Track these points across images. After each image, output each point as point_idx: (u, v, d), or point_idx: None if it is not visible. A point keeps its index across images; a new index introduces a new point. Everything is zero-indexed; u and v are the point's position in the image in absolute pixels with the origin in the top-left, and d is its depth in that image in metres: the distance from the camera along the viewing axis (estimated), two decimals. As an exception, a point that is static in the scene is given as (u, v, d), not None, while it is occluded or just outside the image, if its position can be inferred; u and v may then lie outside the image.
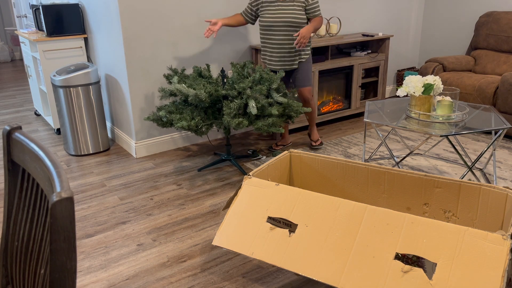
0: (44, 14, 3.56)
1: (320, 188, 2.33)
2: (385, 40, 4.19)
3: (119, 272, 2.08)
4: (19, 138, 1.03)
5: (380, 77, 4.26)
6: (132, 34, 3.13)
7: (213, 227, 2.44)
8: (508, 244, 1.42)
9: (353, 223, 1.65)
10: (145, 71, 3.27)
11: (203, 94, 2.69)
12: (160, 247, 2.26)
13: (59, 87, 3.28)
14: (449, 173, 3.04)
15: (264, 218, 1.80)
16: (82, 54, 3.80)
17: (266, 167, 2.13)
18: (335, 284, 1.55)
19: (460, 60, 4.19)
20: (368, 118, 2.78)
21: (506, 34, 4.05)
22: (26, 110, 4.85)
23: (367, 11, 4.48)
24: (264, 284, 1.97)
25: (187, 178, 3.04)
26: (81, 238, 2.36)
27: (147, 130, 3.42)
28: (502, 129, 2.56)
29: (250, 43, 3.73)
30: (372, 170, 2.14)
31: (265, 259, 1.69)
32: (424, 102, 2.68)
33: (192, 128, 2.76)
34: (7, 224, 1.11)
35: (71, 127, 3.38)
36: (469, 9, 4.56)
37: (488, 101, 3.64)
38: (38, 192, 0.98)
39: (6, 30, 7.98)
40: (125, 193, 2.85)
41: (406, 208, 2.11)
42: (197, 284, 1.98)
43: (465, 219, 1.97)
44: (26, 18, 5.60)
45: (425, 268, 1.74)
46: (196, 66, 3.14)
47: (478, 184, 1.89)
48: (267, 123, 2.77)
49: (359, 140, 3.68)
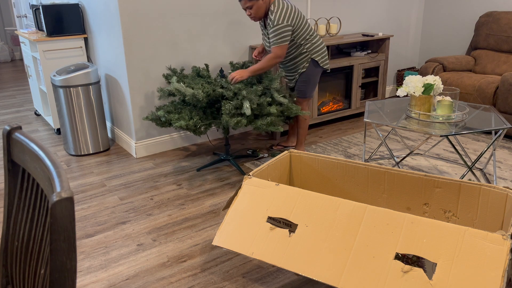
0: (44, 14, 3.56)
1: (320, 188, 2.33)
2: (385, 40, 4.19)
3: (119, 272, 2.08)
4: (19, 138, 1.03)
5: (380, 77, 4.26)
6: (132, 34, 3.13)
7: (213, 227, 2.44)
8: (508, 244, 1.42)
9: (353, 223, 1.65)
10: (145, 71, 3.27)
11: (200, 94, 2.69)
12: (160, 247, 2.26)
13: (59, 87, 3.28)
14: (449, 173, 3.04)
15: (264, 218, 1.80)
16: (82, 54, 3.80)
17: (266, 167, 2.13)
18: (335, 284, 1.55)
19: (460, 60, 4.19)
20: (368, 118, 2.78)
21: (506, 34, 4.05)
22: (26, 110, 4.85)
23: (367, 11, 4.48)
24: (264, 284, 1.97)
25: (186, 178, 3.04)
26: (81, 238, 2.36)
27: (147, 130, 3.42)
28: (502, 129, 2.56)
29: (250, 43, 3.73)
30: (372, 170, 2.14)
31: (265, 259, 1.69)
32: (424, 102, 2.68)
33: (190, 128, 2.76)
34: (7, 224, 1.11)
35: (71, 127, 3.38)
36: (469, 9, 4.56)
37: (488, 101, 3.64)
38: (38, 192, 0.98)
39: (6, 30, 7.98)
40: (125, 193, 2.85)
41: (406, 208, 2.11)
42: (197, 284, 1.98)
43: (465, 219, 1.97)
44: (26, 18, 5.60)
45: (425, 268, 1.74)
46: (195, 66, 3.14)
47: (478, 184, 1.89)
48: (266, 122, 2.77)
49: (359, 140, 3.68)
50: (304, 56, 3.04)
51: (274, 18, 2.82)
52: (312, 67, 3.08)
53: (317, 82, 3.17)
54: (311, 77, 3.11)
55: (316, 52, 3.05)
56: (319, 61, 3.07)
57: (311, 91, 3.17)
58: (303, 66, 3.07)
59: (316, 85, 3.23)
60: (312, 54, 3.04)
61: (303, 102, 3.19)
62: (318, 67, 3.09)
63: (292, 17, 2.87)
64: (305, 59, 3.05)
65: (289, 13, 2.85)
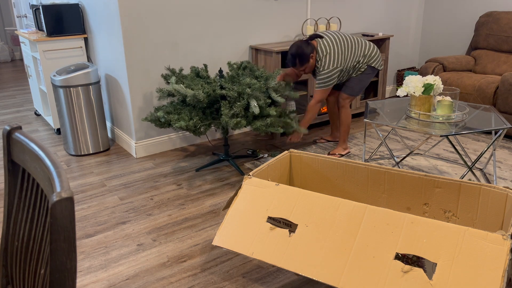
0: (44, 14, 3.56)
1: (320, 188, 2.33)
2: (385, 40, 4.19)
3: (119, 272, 2.08)
4: (19, 138, 1.03)
5: (380, 77, 4.26)
6: (132, 34, 3.13)
7: (213, 227, 2.44)
8: (508, 244, 1.42)
9: (353, 223, 1.65)
10: (145, 71, 3.27)
11: (201, 95, 2.69)
12: (160, 247, 2.26)
13: (59, 87, 3.28)
14: (449, 173, 3.04)
15: (264, 218, 1.80)
16: (82, 54, 3.80)
17: (266, 167, 2.13)
18: (335, 284, 1.55)
19: (460, 60, 4.19)
20: (368, 118, 2.78)
21: (506, 34, 4.05)
22: (26, 110, 4.85)
23: (367, 11, 4.48)
24: (264, 284, 1.97)
25: (186, 178, 3.04)
26: (81, 238, 2.36)
27: (147, 130, 3.42)
28: (502, 129, 2.56)
29: (250, 43, 3.73)
30: (372, 170, 2.14)
31: (265, 259, 1.69)
32: (424, 102, 2.68)
33: (190, 129, 2.76)
34: (7, 224, 1.11)
35: (71, 127, 3.38)
36: (469, 9, 4.56)
37: (488, 101, 3.64)
38: (38, 192, 0.98)
39: (6, 30, 7.98)
40: (125, 193, 2.85)
41: (406, 208, 2.11)
42: (197, 284, 1.98)
43: (465, 219, 1.97)
44: (26, 18, 5.59)
45: (425, 268, 1.74)
46: (194, 66, 3.13)
47: (478, 184, 1.89)
48: (265, 124, 2.76)
49: (359, 140, 3.68)
50: (363, 68, 3.11)
51: (321, 66, 2.93)
52: (369, 69, 3.13)
53: (369, 83, 3.21)
54: (365, 77, 3.15)
55: (373, 59, 3.10)
56: (375, 65, 3.13)
57: (360, 91, 3.20)
58: (361, 72, 3.12)
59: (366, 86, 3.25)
60: (369, 62, 3.10)
61: (348, 100, 3.21)
62: (374, 70, 3.15)
63: (339, 59, 2.94)
64: (363, 69, 3.12)
65: (334, 55, 2.92)
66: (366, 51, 3.07)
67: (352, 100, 3.22)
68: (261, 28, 3.76)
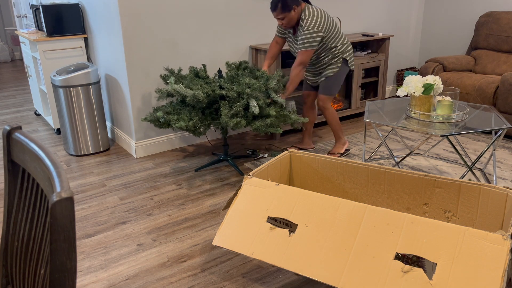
0: (44, 14, 3.56)
1: (320, 188, 2.33)
2: (385, 40, 4.19)
3: (119, 272, 2.08)
4: (19, 138, 1.03)
5: (380, 77, 4.26)
6: (132, 34, 3.13)
7: (213, 227, 2.44)
8: (508, 244, 1.42)
9: (353, 223, 1.65)
10: (145, 71, 3.27)
11: (200, 95, 2.69)
12: (160, 247, 2.26)
13: (59, 87, 3.28)
14: (449, 173, 3.04)
15: (264, 218, 1.80)
16: (82, 54, 3.80)
17: (266, 167, 2.13)
18: (335, 284, 1.55)
19: (460, 60, 4.19)
20: (368, 118, 2.78)
21: (506, 34, 4.05)
22: (26, 110, 4.85)
23: (367, 11, 4.48)
24: (264, 284, 1.97)
25: (186, 178, 3.04)
26: (81, 238, 2.36)
27: (147, 130, 3.42)
28: (502, 129, 2.56)
29: (250, 43, 3.73)
30: (372, 170, 2.14)
31: (265, 259, 1.69)
32: (424, 102, 2.68)
33: (190, 129, 2.76)
34: (7, 224, 1.11)
35: (71, 127, 3.37)
36: (469, 9, 4.56)
37: (488, 101, 3.64)
38: (38, 192, 0.98)
39: (6, 30, 7.98)
40: (125, 193, 2.85)
41: (406, 208, 2.11)
42: (197, 284, 1.98)
43: (465, 219, 1.97)
44: (26, 18, 5.59)
45: (425, 268, 1.74)
46: (193, 67, 3.13)
47: (478, 184, 1.89)
48: (265, 124, 2.76)
49: (359, 140, 3.68)
50: (337, 57, 3.11)
51: (305, 24, 2.91)
52: (343, 66, 3.15)
53: (343, 80, 3.21)
54: (341, 75, 3.16)
55: (347, 52, 3.13)
56: (349, 60, 3.15)
57: (337, 89, 3.21)
58: (336, 67, 3.13)
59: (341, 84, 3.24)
60: (343, 54, 3.12)
61: (327, 99, 3.21)
62: (347, 65, 3.17)
63: (323, 24, 2.94)
64: (338, 59, 3.12)
65: (320, 19, 2.93)
66: (344, 40, 3.12)
67: (331, 99, 3.24)
68: (261, 28, 3.76)
